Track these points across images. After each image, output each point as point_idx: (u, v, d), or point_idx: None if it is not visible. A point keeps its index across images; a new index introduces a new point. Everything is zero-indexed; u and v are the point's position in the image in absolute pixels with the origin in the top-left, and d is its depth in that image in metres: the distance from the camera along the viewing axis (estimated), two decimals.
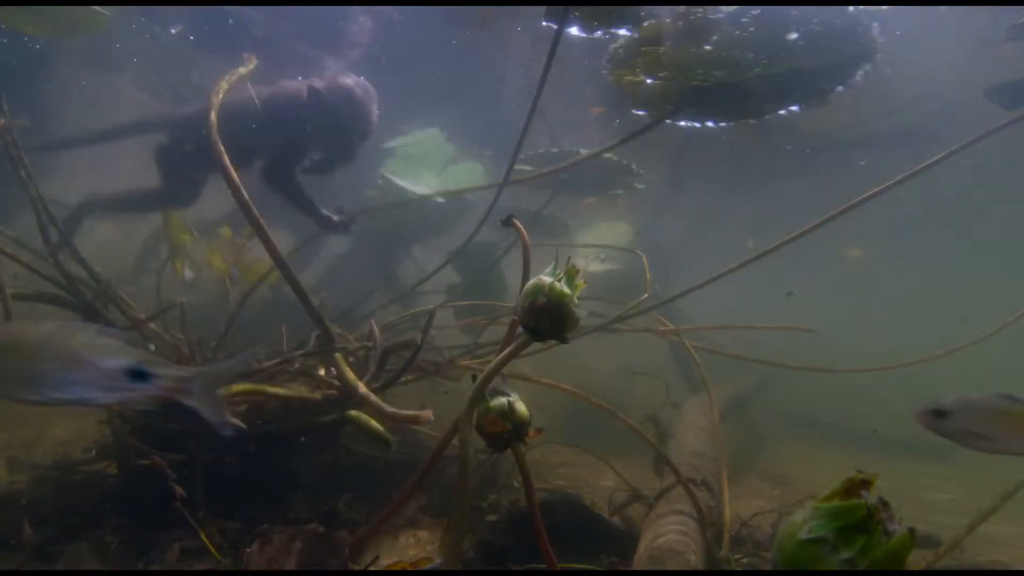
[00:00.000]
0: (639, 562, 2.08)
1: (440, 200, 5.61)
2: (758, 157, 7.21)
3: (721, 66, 3.91)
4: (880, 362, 3.85)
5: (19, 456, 2.83)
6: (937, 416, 1.56)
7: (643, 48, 4.01)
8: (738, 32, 3.74)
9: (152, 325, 2.86)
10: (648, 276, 3.24)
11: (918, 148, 3.55)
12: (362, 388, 2.23)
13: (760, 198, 9.06)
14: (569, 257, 1.32)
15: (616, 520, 2.88)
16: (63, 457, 2.75)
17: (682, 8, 3.70)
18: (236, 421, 2.10)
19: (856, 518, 0.89)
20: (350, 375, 2.31)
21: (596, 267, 6.60)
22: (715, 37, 3.80)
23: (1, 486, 2.54)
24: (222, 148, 2.25)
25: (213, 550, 2.06)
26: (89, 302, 2.73)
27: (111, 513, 2.31)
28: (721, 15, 3.70)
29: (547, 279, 1.31)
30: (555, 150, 5.93)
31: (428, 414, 1.91)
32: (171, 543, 2.13)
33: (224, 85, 2.57)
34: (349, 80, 3.34)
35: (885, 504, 0.90)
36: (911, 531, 0.86)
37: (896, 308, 19.62)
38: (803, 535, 0.91)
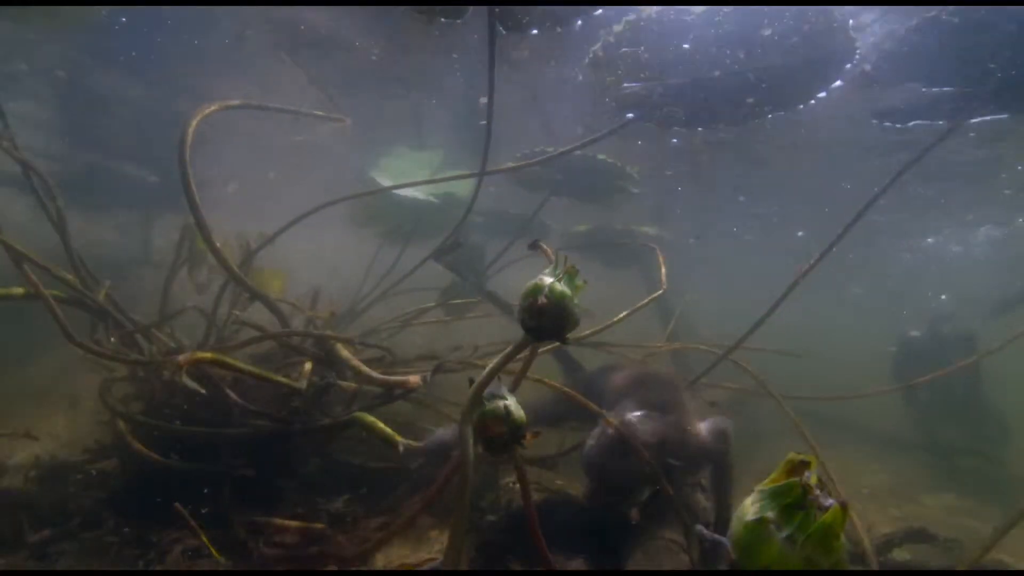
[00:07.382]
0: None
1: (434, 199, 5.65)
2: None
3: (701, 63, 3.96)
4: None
5: (19, 456, 2.82)
6: None
7: (623, 49, 4.07)
8: (712, 30, 3.74)
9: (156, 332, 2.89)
10: None
11: None
12: (354, 360, 2.32)
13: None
14: (566, 257, 1.30)
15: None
16: (63, 457, 2.75)
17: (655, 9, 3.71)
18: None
19: (793, 496, 0.96)
20: (343, 351, 2.41)
21: None
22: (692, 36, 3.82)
23: (1, 486, 2.54)
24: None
25: (213, 550, 2.06)
26: (101, 304, 2.75)
27: (111, 513, 2.31)
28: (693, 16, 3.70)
29: (547, 279, 1.28)
30: (551, 149, 5.91)
31: (417, 379, 1.94)
32: (171, 543, 2.13)
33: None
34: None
35: (820, 482, 0.97)
36: (843, 505, 0.93)
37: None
38: (749, 517, 0.98)
